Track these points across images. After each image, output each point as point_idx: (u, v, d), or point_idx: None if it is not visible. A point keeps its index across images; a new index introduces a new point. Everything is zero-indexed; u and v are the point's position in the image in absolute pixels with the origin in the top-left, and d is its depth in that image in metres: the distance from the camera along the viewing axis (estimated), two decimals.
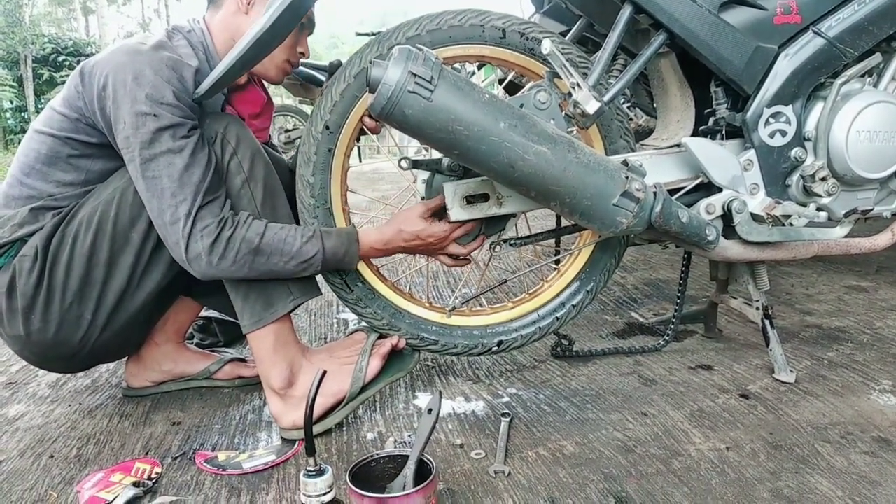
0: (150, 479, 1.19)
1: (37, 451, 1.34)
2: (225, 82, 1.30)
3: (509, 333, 1.54)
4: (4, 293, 1.29)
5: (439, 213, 1.39)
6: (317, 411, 1.30)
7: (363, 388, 1.36)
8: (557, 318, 1.55)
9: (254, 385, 1.59)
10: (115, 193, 1.29)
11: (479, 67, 3.87)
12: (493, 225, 1.44)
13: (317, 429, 1.31)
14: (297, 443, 1.31)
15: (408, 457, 1.04)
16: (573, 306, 1.55)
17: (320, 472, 1.01)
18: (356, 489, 0.97)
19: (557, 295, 1.56)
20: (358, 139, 1.47)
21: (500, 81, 3.16)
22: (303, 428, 1.24)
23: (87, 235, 1.28)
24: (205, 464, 1.24)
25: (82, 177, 1.32)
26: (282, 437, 1.34)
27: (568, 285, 1.56)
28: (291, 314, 1.35)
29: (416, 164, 1.40)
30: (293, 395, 1.34)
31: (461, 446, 1.28)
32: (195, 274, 1.25)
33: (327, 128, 1.38)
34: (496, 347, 1.53)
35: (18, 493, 1.19)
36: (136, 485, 1.16)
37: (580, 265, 1.56)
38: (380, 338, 1.44)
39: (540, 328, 1.54)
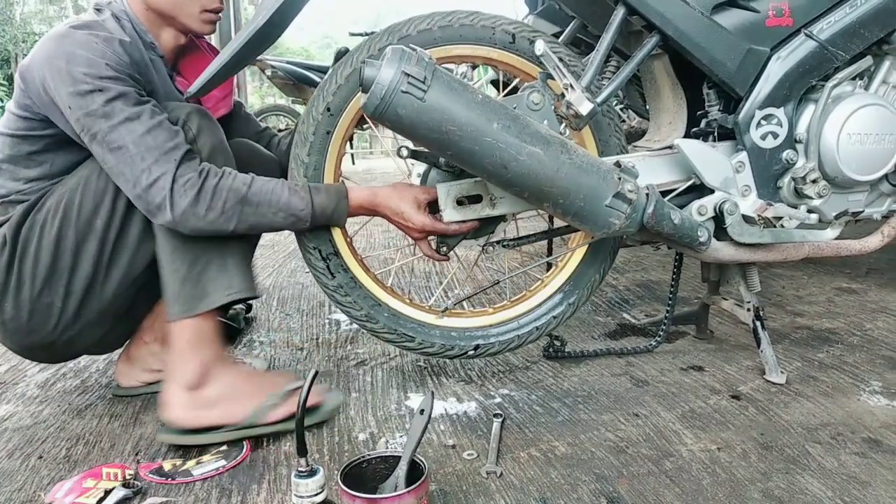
0: (124, 479, 1.16)
1: (25, 451, 1.33)
2: (217, 81, 1.29)
3: (487, 339, 1.53)
4: None
5: (433, 205, 1.39)
6: (208, 423, 1.29)
7: (257, 425, 1.31)
8: (537, 328, 1.55)
9: None
10: (79, 181, 1.28)
11: (473, 68, 3.87)
12: (483, 228, 1.44)
13: (196, 439, 1.29)
14: (245, 447, 1.28)
15: (399, 457, 1.04)
16: (554, 317, 1.55)
17: (312, 473, 1.00)
18: (348, 490, 0.97)
19: (539, 305, 1.55)
20: (350, 142, 1.47)
21: (494, 83, 3.16)
22: (197, 432, 1.27)
23: (54, 223, 1.27)
24: (149, 474, 1.20)
25: (47, 170, 1.31)
26: (167, 441, 1.30)
27: (551, 296, 1.55)
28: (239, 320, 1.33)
29: (414, 155, 1.40)
30: (201, 397, 1.29)
31: (453, 447, 1.28)
32: (185, 231, 1.23)
33: (328, 110, 1.37)
34: (472, 351, 1.52)
35: (7, 494, 1.18)
36: (125, 485, 1.15)
37: (565, 277, 1.56)
38: (298, 388, 1.35)
39: (518, 336, 1.54)
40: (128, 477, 1.17)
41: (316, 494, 1.00)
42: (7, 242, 1.28)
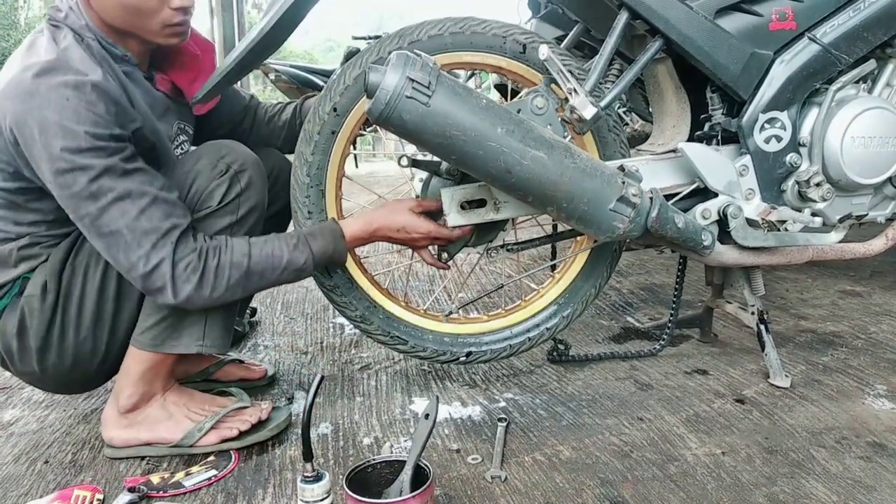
0: None
1: (32, 456, 1.34)
2: (224, 85, 1.30)
3: (479, 346, 1.53)
4: (15, 335, 1.23)
5: (429, 213, 1.39)
6: (137, 443, 1.30)
7: (185, 446, 1.31)
8: (529, 339, 1.54)
9: (253, 388, 1.58)
10: None
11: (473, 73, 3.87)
12: (483, 235, 1.44)
13: (126, 452, 1.31)
14: (233, 456, 1.29)
15: (404, 462, 1.04)
16: (547, 329, 1.55)
17: (317, 478, 1.01)
18: (353, 495, 0.97)
19: (533, 315, 1.55)
20: (354, 144, 1.47)
21: (498, 87, 3.16)
22: (136, 447, 1.30)
23: (97, 268, 1.23)
24: (140, 488, 1.18)
25: (52, 216, 1.21)
26: (107, 454, 1.32)
27: (545, 308, 1.55)
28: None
29: (415, 164, 1.40)
30: (133, 419, 1.30)
31: (458, 451, 1.28)
32: (189, 309, 1.22)
33: (335, 110, 1.37)
34: (464, 358, 1.52)
35: (13, 498, 1.19)
36: (131, 490, 1.15)
37: (560, 289, 1.55)
38: (242, 409, 1.36)
39: (511, 345, 1.54)
40: (96, 502, 1.15)
41: (321, 499, 1.00)
42: (48, 289, 1.21)
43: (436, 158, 1.39)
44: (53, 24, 1.19)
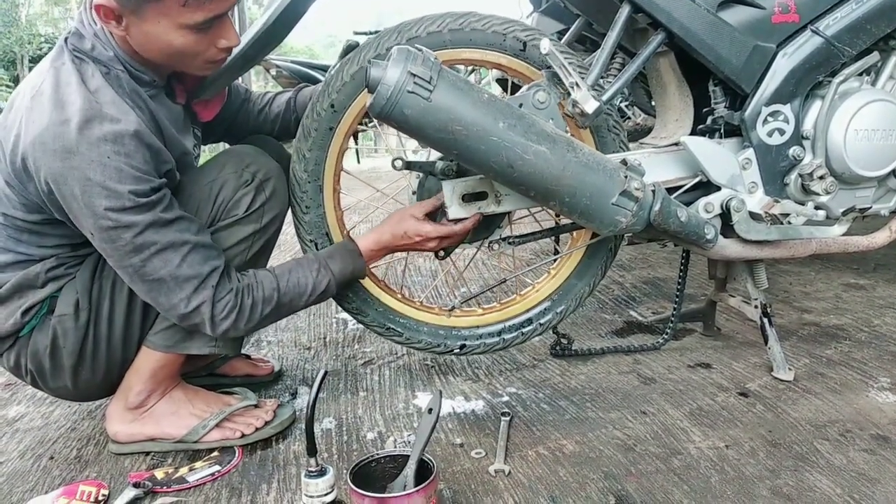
0: (97, 501, 1.14)
1: (37, 452, 1.34)
2: (225, 82, 1.30)
3: (473, 339, 1.54)
4: (48, 354, 1.23)
5: (432, 215, 1.39)
6: (142, 438, 1.31)
7: (190, 442, 1.32)
8: (523, 334, 1.55)
9: (257, 384, 1.58)
10: None
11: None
12: (480, 231, 1.44)
13: (131, 448, 1.31)
14: (237, 452, 1.29)
15: (408, 456, 1.05)
16: (540, 324, 1.55)
17: (321, 473, 1.01)
18: (357, 489, 0.98)
19: (527, 311, 1.56)
20: (355, 138, 1.46)
21: (500, 81, 3.16)
22: (140, 442, 1.31)
23: (125, 284, 1.22)
24: (146, 483, 1.18)
25: (77, 239, 1.20)
26: (111, 449, 1.33)
27: (539, 303, 1.56)
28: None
29: (409, 166, 1.40)
30: (138, 416, 1.31)
31: (461, 445, 1.29)
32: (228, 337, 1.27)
33: (332, 106, 1.37)
34: (458, 350, 1.53)
35: (19, 494, 1.19)
36: (136, 485, 1.16)
37: (555, 285, 1.56)
38: (254, 407, 1.38)
39: (504, 339, 1.55)
40: (101, 497, 1.15)
41: (326, 494, 1.00)
42: (81, 308, 1.22)
43: (431, 158, 1.39)
44: (78, 57, 1.14)
